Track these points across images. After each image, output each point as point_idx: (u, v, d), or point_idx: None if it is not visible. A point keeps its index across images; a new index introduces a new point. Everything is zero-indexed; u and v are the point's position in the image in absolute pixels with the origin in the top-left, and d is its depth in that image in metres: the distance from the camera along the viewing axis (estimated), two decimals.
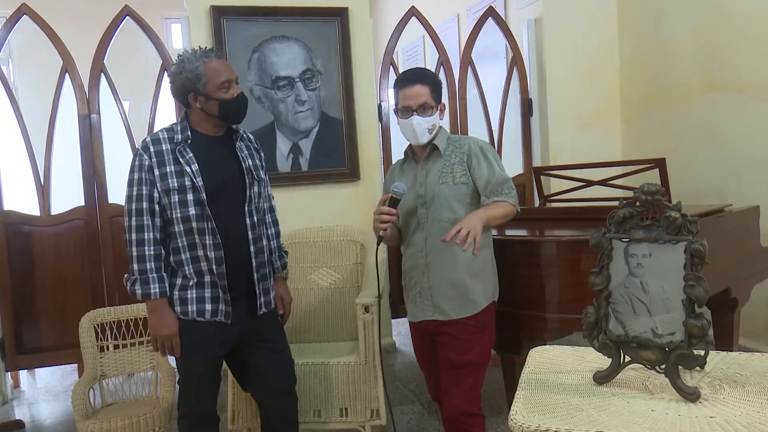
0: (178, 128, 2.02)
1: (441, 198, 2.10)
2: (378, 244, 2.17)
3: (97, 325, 2.78)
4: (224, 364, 2.28)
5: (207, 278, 2.01)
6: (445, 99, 2.29)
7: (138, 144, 3.18)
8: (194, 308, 2.00)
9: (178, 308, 2.01)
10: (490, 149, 2.15)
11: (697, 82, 3.82)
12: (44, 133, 3.44)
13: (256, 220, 2.10)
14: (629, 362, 1.34)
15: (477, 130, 4.11)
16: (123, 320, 2.82)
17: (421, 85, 2.10)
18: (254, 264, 2.08)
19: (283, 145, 3.68)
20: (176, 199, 1.97)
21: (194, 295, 2.00)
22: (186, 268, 2.00)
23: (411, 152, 2.23)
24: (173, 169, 1.97)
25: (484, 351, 2.15)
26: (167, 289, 1.98)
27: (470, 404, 2.10)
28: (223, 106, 2.01)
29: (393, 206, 2.08)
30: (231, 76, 2.03)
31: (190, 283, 2.01)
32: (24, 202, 3.56)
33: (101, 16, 3.67)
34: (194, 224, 1.98)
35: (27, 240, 3.38)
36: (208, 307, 2.01)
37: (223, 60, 2.07)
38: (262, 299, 2.11)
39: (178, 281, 2.01)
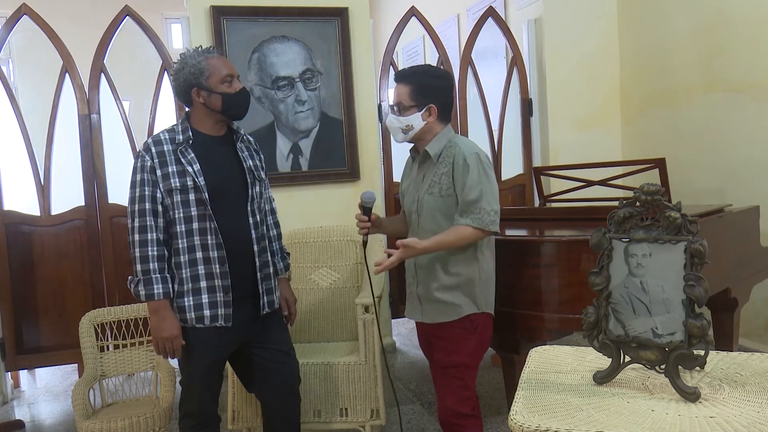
0: (179, 129, 2.03)
1: (427, 208, 2.09)
2: (364, 247, 2.17)
3: (97, 325, 2.78)
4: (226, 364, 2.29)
5: (203, 283, 1.99)
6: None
7: (138, 144, 3.19)
8: (192, 315, 1.99)
9: (177, 316, 2.00)
10: (475, 160, 2.01)
11: (697, 82, 3.82)
12: (44, 133, 3.44)
13: (258, 219, 2.10)
14: (629, 362, 1.34)
15: (477, 130, 4.12)
16: (123, 320, 2.82)
17: (401, 84, 2.10)
18: (257, 263, 2.08)
19: (283, 145, 3.68)
20: (178, 199, 1.97)
21: (191, 303, 1.99)
22: (183, 271, 1.99)
23: (415, 152, 2.22)
24: (175, 169, 1.97)
25: (473, 353, 2.11)
26: (171, 290, 1.98)
27: (462, 405, 2.09)
28: (226, 101, 2.02)
29: (366, 214, 2.10)
30: (233, 72, 2.06)
31: (185, 289, 1.99)
32: (24, 202, 3.56)
33: (101, 16, 3.67)
34: (196, 225, 1.98)
35: (27, 240, 3.38)
36: (207, 313, 2.00)
37: (224, 57, 2.12)
38: (266, 299, 2.11)
39: (175, 288, 2.00)
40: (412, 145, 2.21)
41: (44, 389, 3.84)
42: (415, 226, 2.14)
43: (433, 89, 2.09)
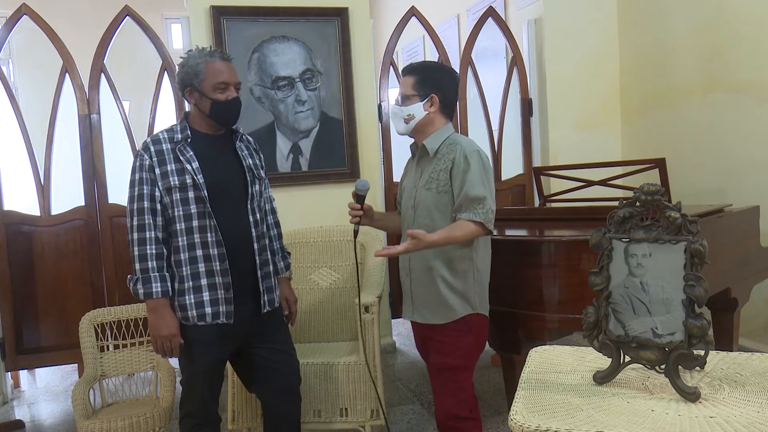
0: (178, 128, 2.03)
1: (423, 204, 2.08)
2: (354, 237, 2.18)
3: (97, 325, 2.78)
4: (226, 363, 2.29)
5: (204, 281, 2.00)
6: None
7: (138, 144, 3.19)
8: (194, 313, 2.00)
9: (179, 314, 2.01)
10: (476, 159, 2.01)
11: (697, 82, 3.82)
12: (44, 133, 3.44)
13: (258, 217, 2.11)
14: (629, 362, 1.34)
15: (477, 130, 4.12)
16: (123, 320, 2.82)
17: (407, 76, 2.12)
18: (258, 261, 2.08)
19: (283, 145, 3.68)
20: (177, 197, 1.97)
21: (192, 300, 1.99)
22: (184, 269, 1.99)
23: (414, 147, 2.21)
24: (174, 168, 1.98)
25: (467, 354, 2.10)
26: (169, 288, 1.98)
27: (459, 408, 2.08)
28: (214, 106, 2.01)
29: (359, 202, 2.10)
30: (231, 80, 2.02)
31: (186, 287, 1.99)
32: (24, 202, 3.56)
33: (101, 16, 3.67)
34: (195, 222, 1.98)
35: (27, 240, 3.38)
36: (208, 310, 2.00)
37: (229, 63, 2.05)
38: (266, 297, 2.11)
39: (176, 286, 2.00)
40: (412, 141, 2.20)
41: (44, 389, 3.84)
42: (410, 221, 2.13)
43: (436, 80, 2.10)
